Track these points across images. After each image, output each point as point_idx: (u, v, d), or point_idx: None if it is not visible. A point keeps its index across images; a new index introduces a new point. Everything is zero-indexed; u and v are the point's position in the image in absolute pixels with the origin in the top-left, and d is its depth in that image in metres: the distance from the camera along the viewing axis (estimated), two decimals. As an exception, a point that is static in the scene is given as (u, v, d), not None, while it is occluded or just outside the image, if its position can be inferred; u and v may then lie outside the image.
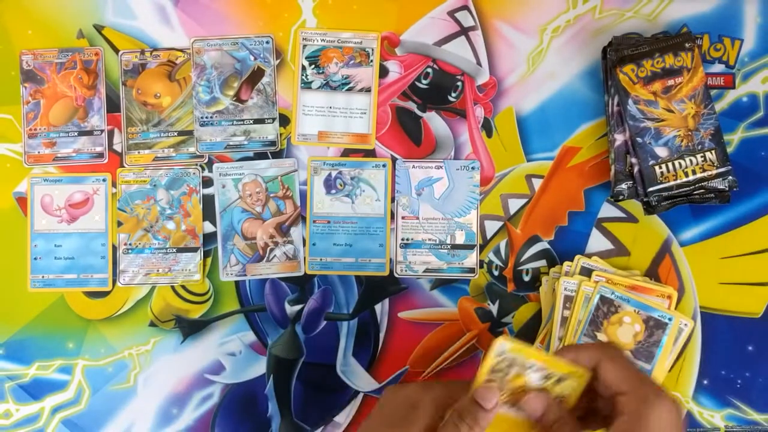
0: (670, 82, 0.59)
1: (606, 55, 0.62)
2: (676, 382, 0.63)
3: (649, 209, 0.62)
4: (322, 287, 0.66)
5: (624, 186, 0.61)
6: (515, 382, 0.45)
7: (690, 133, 0.59)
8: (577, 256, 0.63)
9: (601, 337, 0.61)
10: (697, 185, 0.60)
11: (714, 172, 0.60)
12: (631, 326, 0.60)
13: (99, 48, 0.66)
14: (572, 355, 0.43)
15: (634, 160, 0.61)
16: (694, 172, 0.60)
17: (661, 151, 0.60)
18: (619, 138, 0.62)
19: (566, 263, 0.63)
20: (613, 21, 0.65)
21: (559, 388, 0.45)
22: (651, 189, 0.60)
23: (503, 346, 0.43)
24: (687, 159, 0.60)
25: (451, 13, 0.66)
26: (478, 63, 0.66)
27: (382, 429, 0.46)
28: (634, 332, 0.60)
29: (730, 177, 0.60)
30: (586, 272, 0.63)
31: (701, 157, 0.60)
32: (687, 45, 0.59)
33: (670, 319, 0.59)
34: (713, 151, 0.60)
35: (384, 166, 0.65)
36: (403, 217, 0.65)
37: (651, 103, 0.59)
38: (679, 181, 0.60)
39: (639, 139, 0.58)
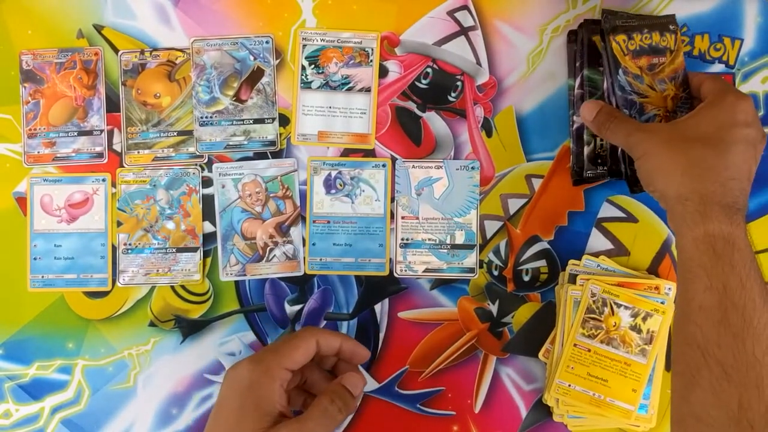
0: (655, 60, 0.59)
1: (570, 40, 0.63)
2: (676, 382, 0.63)
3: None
4: (322, 287, 0.66)
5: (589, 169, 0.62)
6: (608, 321, 0.57)
7: (668, 114, 0.59)
8: (585, 255, 0.63)
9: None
10: None
11: None
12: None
13: (99, 48, 0.66)
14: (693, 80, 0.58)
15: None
16: None
17: None
18: (578, 121, 0.62)
19: (572, 262, 0.63)
20: (613, 21, 0.65)
21: (646, 324, 0.58)
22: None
23: (596, 287, 0.53)
24: None
25: (451, 13, 0.66)
26: (478, 63, 0.66)
27: (235, 426, 0.46)
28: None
29: None
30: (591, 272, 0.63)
31: None
32: (671, 27, 0.59)
33: (662, 302, 0.61)
34: None
35: (384, 166, 0.65)
36: (403, 217, 0.65)
37: (637, 77, 0.59)
38: None
39: (626, 111, 0.58)
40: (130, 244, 0.66)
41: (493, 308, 0.65)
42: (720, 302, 0.47)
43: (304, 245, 0.66)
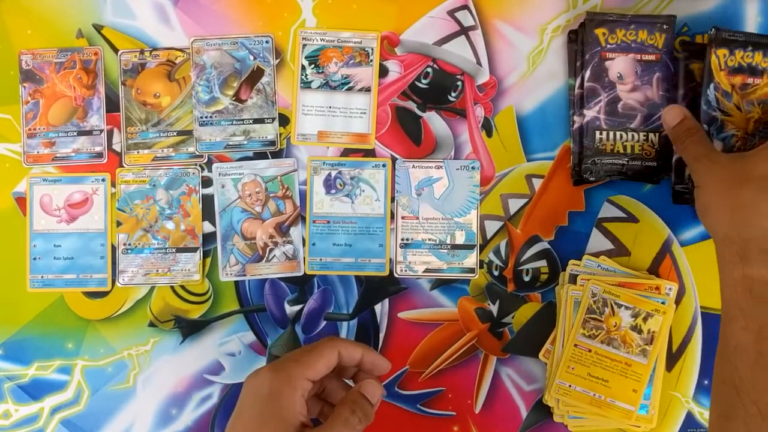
0: (749, 80, 0.59)
1: (570, 40, 0.63)
2: (676, 382, 0.63)
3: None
4: (322, 287, 0.66)
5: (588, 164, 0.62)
6: (609, 321, 0.58)
7: (746, 136, 0.59)
8: (585, 255, 0.63)
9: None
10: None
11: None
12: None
13: (98, 47, 0.66)
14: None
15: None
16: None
17: (717, 145, 0.59)
18: (578, 121, 0.62)
19: (572, 262, 0.63)
20: (614, 20, 0.65)
21: (647, 324, 0.58)
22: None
23: (596, 288, 0.54)
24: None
25: (451, 13, 0.65)
26: (478, 62, 0.66)
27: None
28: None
29: None
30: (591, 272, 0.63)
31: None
32: None
33: (663, 302, 0.60)
34: None
35: (384, 165, 0.65)
36: (403, 217, 0.65)
37: (726, 94, 0.58)
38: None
39: (705, 126, 0.58)
40: (129, 244, 0.66)
41: (494, 308, 0.65)
42: (755, 343, 0.48)
43: (304, 245, 0.65)
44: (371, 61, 0.65)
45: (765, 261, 0.49)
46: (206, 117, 0.66)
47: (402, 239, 0.65)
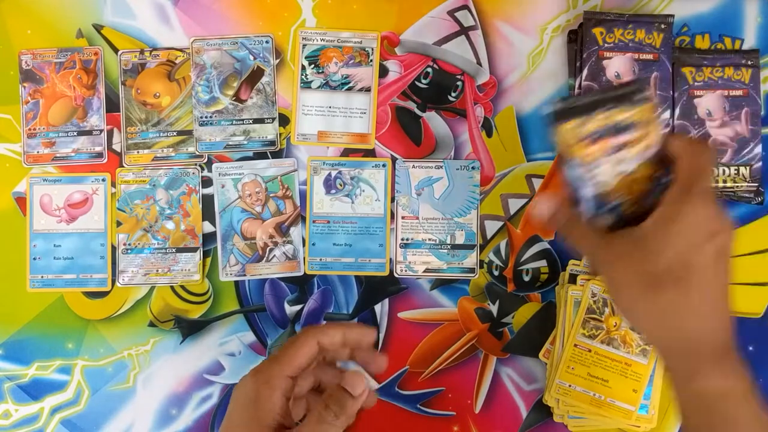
0: (621, 138, 0.43)
1: (570, 40, 0.64)
2: (676, 383, 0.63)
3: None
4: (322, 287, 0.66)
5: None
6: (609, 321, 0.57)
7: (637, 200, 0.45)
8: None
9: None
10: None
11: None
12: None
13: (98, 47, 0.66)
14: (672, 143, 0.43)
15: None
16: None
17: (607, 220, 0.47)
18: None
19: (572, 262, 0.63)
20: (614, 20, 0.65)
21: None
22: None
23: (596, 288, 0.53)
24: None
25: (451, 13, 0.65)
26: (478, 62, 0.66)
27: None
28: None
29: None
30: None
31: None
32: (635, 98, 0.43)
33: None
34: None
35: (384, 165, 0.65)
36: (403, 217, 0.65)
37: (592, 165, 0.44)
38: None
39: (585, 205, 0.46)
40: (129, 244, 0.66)
41: (494, 308, 0.65)
42: None
43: (304, 245, 0.65)
44: (371, 61, 0.65)
45: (716, 368, 0.43)
46: (206, 117, 0.66)
47: (402, 239, 0.65)
